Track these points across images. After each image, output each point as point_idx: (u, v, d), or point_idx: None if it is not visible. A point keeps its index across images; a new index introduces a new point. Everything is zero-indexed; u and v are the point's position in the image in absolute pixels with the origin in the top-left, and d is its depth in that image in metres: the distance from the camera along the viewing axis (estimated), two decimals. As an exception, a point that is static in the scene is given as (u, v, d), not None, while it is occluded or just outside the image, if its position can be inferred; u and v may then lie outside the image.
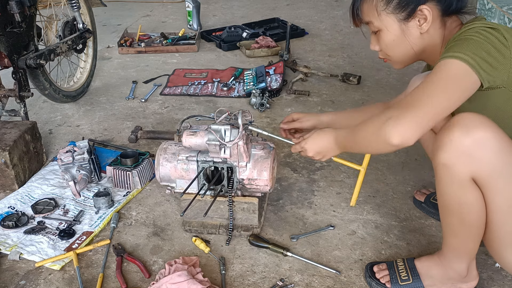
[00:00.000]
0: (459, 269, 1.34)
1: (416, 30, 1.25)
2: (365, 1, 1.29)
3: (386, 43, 1.31)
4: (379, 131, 1.11)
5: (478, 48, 1.09)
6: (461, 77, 1.09)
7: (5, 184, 1.94)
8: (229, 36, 3.57)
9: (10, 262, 1.59)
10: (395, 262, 1.45)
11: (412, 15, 1.24)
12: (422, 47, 1.29)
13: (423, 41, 1.28)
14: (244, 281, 1.49)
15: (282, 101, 2.68)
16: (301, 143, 1.43)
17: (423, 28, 1.24)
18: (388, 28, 1.27)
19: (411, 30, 1.26)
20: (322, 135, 1.38)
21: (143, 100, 2.73)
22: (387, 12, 1.26)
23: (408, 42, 1.28)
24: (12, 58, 2.15)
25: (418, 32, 1.25)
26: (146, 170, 1.97)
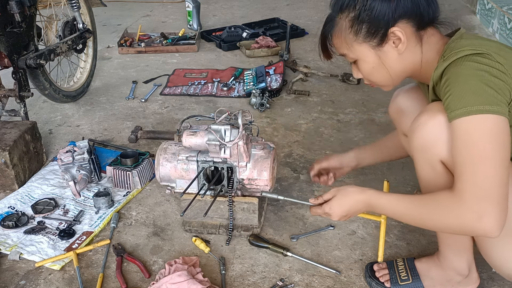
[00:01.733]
0: (459, 267, 1.34)
1: (393, 53, 1.19)
2: (334, 36, 1.25)
3: (366, 72, 1.26)
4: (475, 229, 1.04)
5: (485, 87, 1.03)
6: (497, 131, 1.03)
7: (5, 184, 1.94)
8: (229, 36, 3.57)
9: (10, 262, 1.59)
10: (395, 261, 1.45)
11: (384, 40, 1.17)
12: (404, 67, 1.22)
13: (403, 61, 1.21)
14: (244, 281, 1.49)
15: (282, 101, 2.68)
16: (325, 207, 1.29)
17: (399, 49, 1.17)
18: (364, 58, 1.22)
19: (388, 54, 1.19)
20: (350, 197, 1.26)
21: (143, 100, 2.73)
22: (359, 42, 1.20)
23: (388, 65, 1.21)
24: (12, 58, 2.15)
25: (396, 53, 1.19)
26: (146, 170, 1.97)
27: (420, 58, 1.20)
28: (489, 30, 3.62)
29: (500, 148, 1.02)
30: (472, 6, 4.13)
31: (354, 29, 1.19)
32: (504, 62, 1.05)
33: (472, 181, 1.03)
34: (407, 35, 1.16)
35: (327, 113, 2.53)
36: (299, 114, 2.53)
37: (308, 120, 2.47)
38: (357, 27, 1.18)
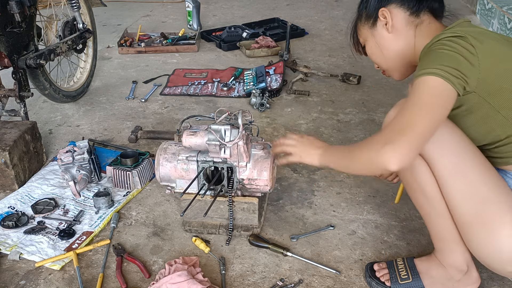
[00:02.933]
0: (456, 262, 1.33)
1: (384, 32, 1.35)
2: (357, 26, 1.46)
3: (369, 52, 1.43)
4: (377, 157, 1.15)
5: (448, 60, 1.14)
6: (440, 92, 1.14)
7: (5, 184, 1.94)
8: (229, 36, 3.57)
9: (10, 262, 1.59)
10: (395, 261, 1.45)
11: (376, 20, 1.36)
12: (396, 48, 1.36)
13: (395, 42, 1.36)
14: (244, 281, 1.49)
15: (282, 101, 2.68)
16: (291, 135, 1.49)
17: (388, 28, 1.34)
18: (366, 38, 1.42)
19: (380, 33, 1.36)
20: (314, 139, 1.45)
21: (143, 100, 2.73)
22: (363, 25, 1.42)
23: (381, 44, 1.38)
24: (12, 58, 2.15)
25: (386, 33, 1.35)
26: (146, 170, 1.97)
27: (413, 42, 1.33)
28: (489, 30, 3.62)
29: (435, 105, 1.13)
30: (472, 6, 4.13)
31: (360, 16, 1.43)
32: (479, 46, 1.14)
33: (398, 119, 1.16)
34: (398, 18, 1.32)
35: (327, 113, 2.53)
36: (299, 114, 2.53)
37: (308, 120, 2.47)
38: (361, 13, 1.42)
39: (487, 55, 1.15)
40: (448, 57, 1.14)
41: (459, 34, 1.17)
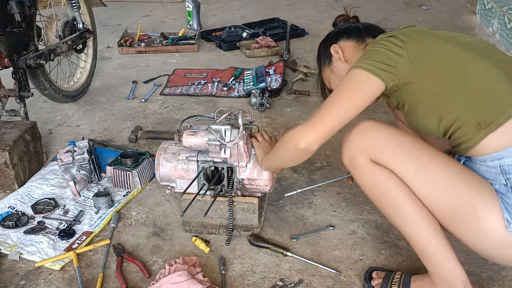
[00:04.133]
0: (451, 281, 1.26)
1: (339, 63, 1.49)
2: (322, 74, 1.60)
3: (330, 86, 1.57)
4: (291, 139, 1.32)
5: (375, 55, 1.26)
6: (359, 81, 1.25)
7: (5, 184, 1.94)
8: (229, 36, 3.57)
9: (10, 262, 1.59)
10: (394, 274, 1.41)
11: (331, 58, 1.52)
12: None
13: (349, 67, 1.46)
14: (244, 281, 1.49)
15: (282, 101, 2.68)
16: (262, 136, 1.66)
17: (341, 59, 1.48)
18: (329, 77, 1.55)
19: (337, 65, 1.51)
20: (268, 148, 1.59)
21: (143, 100, 2.73)
22: (324, 70, 1.56)
23: (342, 73, 1.45)
24: (12, 58, 2.15)
25: (341, 63, 1.49)
26: (146, 170, 1.97)
27: None
28: (489, 30, 3.62)
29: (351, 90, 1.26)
30: (472, 6, 4.13)
31: (320, 66, 1.59)
32: (407, 40, 1.24)
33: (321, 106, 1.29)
34: (347, 48, 1.48)
35: (327, 113, 2.52)
36: (299, 114, 2.53)
37: (308, 120, 2.47)
38: (320, 62, 1.58)
39: (415, 47, 1.24)
40: (376, 53, 1.26)
41: (390, 34, 1.28)
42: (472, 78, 1.22)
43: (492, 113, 1.18)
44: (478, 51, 1.26)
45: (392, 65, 1.23)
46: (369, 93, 1.26)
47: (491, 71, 1.22)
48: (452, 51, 1.25)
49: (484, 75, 1.22)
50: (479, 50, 1.26)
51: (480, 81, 1.22)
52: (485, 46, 1.31)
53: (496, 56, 1.27)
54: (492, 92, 1.20)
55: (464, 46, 1.27)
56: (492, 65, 1.23)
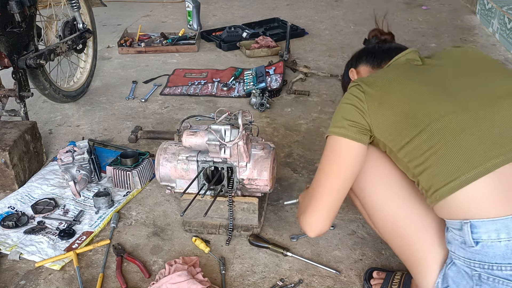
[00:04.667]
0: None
1: None
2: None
3: None
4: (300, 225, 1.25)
5: (342, 112, 1.19)
6: (338, 151, 1.19)
7: (5, 184, 1.94)
8: (229, 36, 3.57)
9: (10, 262, 1.59)
10: (394, 274, 1.42)
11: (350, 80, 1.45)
12: None
13: None
14: (244, 281, 1.49)
15: (282, 101, 2.68)
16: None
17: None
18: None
19: None
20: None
21: (143, 100, 2.73)
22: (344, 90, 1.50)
23: None
24: (12, 58, 2.15)
25: None
26: (146, 170, 1.97)
27: None
28: (489, 30, 3.62)
29: (335, 163, 1.19)
30: (472, 6, 4.13)
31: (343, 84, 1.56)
32: (368, 90, 1.16)
33: (312, 184, 1.24)
34: (364, 73, 1.42)
35: (327, 113, 2.53)
36: (299, 114, 2.53)
37: (308, 120, 2.47)
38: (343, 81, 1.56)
39: (373, 98, 1.15)
40: (343, 110, 1.19)
41: (356, 82, 1.21)
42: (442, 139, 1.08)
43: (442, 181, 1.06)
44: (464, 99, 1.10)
45: (358, 121, 1.16)
46: (353, 159, 1.18)
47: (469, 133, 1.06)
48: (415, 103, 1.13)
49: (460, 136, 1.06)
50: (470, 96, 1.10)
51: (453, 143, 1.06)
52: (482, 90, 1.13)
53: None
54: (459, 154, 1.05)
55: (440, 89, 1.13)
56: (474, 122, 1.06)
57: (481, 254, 1.01)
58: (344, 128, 1.16)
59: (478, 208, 1.01)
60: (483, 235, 1.00)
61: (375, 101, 1.15)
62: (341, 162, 1.18)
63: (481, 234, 1.00)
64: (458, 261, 1.06)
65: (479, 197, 1.01)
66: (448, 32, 3.67)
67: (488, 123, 1.05)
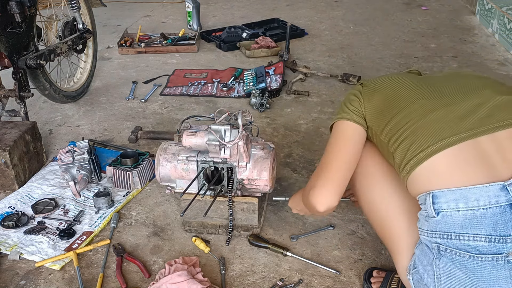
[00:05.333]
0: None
1: None
2: None
3: None
4: (309, 201, 1.26)
5: (346, 103, 1.32)
6: (341, 130, 1.30)
7: (5, 184, 1.94)
8: (229, 37, 3.57)
9: (10, 262, 1.59)
10: (393, 274, 1.42)
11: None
12: None
13: None
14: (244, 281, 1.49)
15: (282, 101, 2.68)
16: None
17: None
18: None
19: None
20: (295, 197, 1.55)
21: (143, 100, 2.73)
22: None
23: None
24: (12, 59, 2.15)
25: None
26: (146, 170, 1.97)
27: None
28: (488, 30, 3.62)
29: (341, 144, 1.28)
30: (471, 7, 4.13)
31: None
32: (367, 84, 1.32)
33: (318, 166, 1.30)
34: None
35: (327, 113, 2.53)
36: (299, 114, 2.53)
37: (308, 120, 2.47)
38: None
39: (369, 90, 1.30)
40: (347, 100, 1.33)
41: (360, 82, 1.35)
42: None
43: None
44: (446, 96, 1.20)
45: (356, 107, 1.30)
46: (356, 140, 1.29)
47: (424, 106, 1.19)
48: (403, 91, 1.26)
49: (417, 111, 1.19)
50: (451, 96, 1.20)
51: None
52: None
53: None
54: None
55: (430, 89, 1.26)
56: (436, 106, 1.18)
57: (441, 223, 1.07)
58: (348, 114, 1.29)
59: (440, 179, 1.08)
60: (443, 204, 1.06)
61: (370, 91, 1.30)
62: (347, 140, 1.28)
63: (441, 204, 1.06)
64: (423, 236, 1.12)
65: (442, 168, 1.08)
66: (448, 33, 3.68)
67: (460, 107, 1.14)
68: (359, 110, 1.29)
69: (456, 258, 1.05)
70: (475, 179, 1.04)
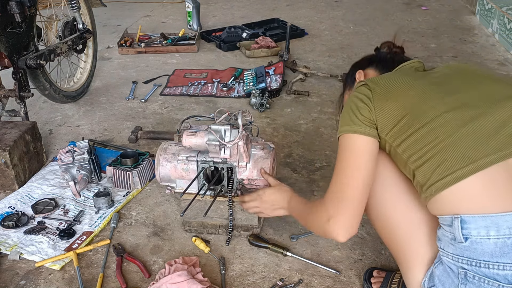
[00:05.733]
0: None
1: None
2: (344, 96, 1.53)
3: None
4: (325, 230, 1.19)
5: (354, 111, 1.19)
6: (355, 146, 1.18)
7: (5, 184, 1.94)
8: (229, 37, 3.57)
9: (10, 262, 1.59)
10: (394, 274, 1.42)
11: (354, 82, 1.43)
12: None
13: None
14: (244, 281, 1.49)
15: (282, 101, 2.68)
16: (259, 191, 1.54)
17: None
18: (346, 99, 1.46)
19: None
20: (282, 191, 1.49)
21: (143, 100, 2.73)
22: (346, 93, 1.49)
23: None
24: (12, 59, 2.15)
25: None
26: (146, 170, 1.97)
27: None
28: (488, 30, 3.62)
29: (355, 160, 1.17)
30: (471, 7, 4.13)
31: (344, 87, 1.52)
32: (375, 88, 1.20)
33: (332, 188, 1.19)
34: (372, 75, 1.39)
35: (327, 113, 2.53)
36: (299, 115, 2.53)
37: (307, 120, 2.47)
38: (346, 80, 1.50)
39: (380, 96, 1.18)
40: (354, 107, 1.20)
41: (364, 82, 1.23)
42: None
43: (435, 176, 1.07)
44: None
45: (366, 116, 1.18)
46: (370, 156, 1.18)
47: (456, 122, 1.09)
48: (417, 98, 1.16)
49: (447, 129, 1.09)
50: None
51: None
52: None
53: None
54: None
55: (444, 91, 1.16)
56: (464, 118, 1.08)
57: (470, 250, 1.02)
58: (359, 126, 1.18)
59: (469, 203, 1.02)
60: (472, 231, 1.01)
61: (381, 98, 1.18)
62: (362, 157, 1.17)
63: (470, 230, 1.01)
64: (446, 258, 1.07)
65: (472, 193, 1.02)
66: (448, 33, 3.68)
67: (487, 122, 1.07)
68: (371, 120, 1.18)
69: (484, 286, 1.01)
70: (508, 205, 0.99)
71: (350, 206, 1.15)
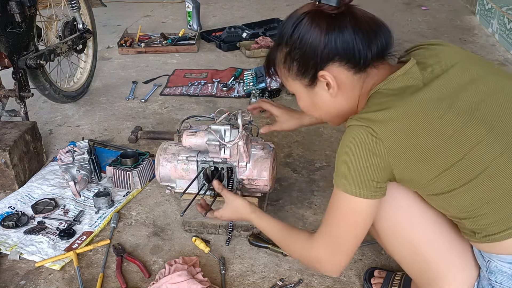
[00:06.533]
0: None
1: (325, 95, 1.13)
2: (276, 65, 1.19)
3: (302, 107, 1.22)
4: (314, 267, 1.19)
5: (359, 169, 1.03)
6: (357, 209, 1.07)
7: (5, 184, 1.94)
8: (229, 37, 3.57)
9: (10, 262, 1.59)
10: (395, 275, 1.42)
11: (315, 81, 1.12)
12: (338, 110, 1.17)
13: (337, 104, 1.15)
14: (244, 281, 1.49)
15: (282, 101, 2.68)
16: (216, 213, 1.49)
17: (331, 93, 1.11)
18: (298, 94, 1.18)
19: (320, 96, 1.14)
20: (240, 209, 1.41)
21: (143, 100, 2.73)
22: (292, 79, 1.15)
23: (320, 107, 1.17)
24: (12, 59, 2.15)
25: (328, 96, 1.13)
26: (146, 170, 1.97)
27: (357, 103, 1.14)
28: (488, 30, 3.62)
29: (356, 223, 1.08)
30: (471, 7, 4.13)
31: (287, 65, 1.14)
32: (383, 129, 1.00)
33: (327, 230, 1.12)
34: (343, 78, 1.09)
35: (327, 113, 2.53)
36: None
37: (308, 120, 2.47)
38: (289, 63, 1.13)
39: (393, 146, 1.00)
40: (359, 164, 1.02)
41: (364, 124, 1.01)
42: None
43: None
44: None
45: (374, 177, 1.03)
46: (373, 213, 1.09)
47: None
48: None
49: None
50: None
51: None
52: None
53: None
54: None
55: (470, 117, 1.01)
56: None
57: None
58: (372, 195, 1.05)
59: None
60: None
61: (398, 152, 1.01)
62: (361, 220, 1.08)
63: None
64: None
65: None
66: (448, 33, 3.68)
67: None
68: (386, 181, 1.06)
69: None
70: None
71: (347, 255, 1.12)
